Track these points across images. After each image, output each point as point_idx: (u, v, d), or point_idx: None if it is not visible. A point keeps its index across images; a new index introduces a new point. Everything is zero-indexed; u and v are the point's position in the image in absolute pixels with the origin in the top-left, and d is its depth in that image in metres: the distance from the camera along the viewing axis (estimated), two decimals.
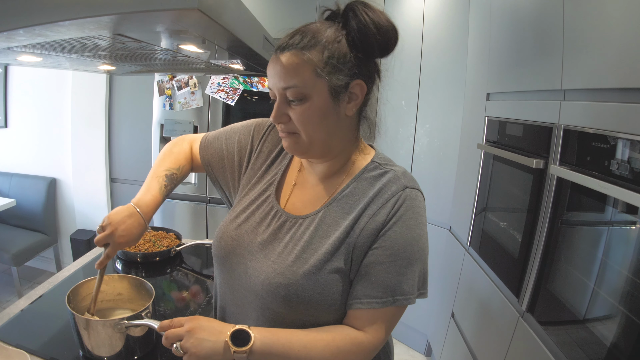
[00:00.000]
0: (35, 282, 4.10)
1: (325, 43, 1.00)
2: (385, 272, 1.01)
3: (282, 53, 1.01)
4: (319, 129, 1.05)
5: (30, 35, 0.85)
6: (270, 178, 1.23)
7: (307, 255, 1.05)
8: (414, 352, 3.45)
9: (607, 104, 1.31)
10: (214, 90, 3.32)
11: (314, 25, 1.02)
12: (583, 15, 1.47)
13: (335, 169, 1.15)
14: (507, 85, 2.13)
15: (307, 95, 1.01)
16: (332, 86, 1.01)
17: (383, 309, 1.02)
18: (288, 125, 1.06)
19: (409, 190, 1.05)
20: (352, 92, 1.04)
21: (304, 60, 0.99)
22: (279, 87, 1.02)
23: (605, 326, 1.28)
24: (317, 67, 0.99)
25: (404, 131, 3.29)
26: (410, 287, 1.03)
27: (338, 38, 1.01)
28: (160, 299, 1.71)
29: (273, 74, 1.03)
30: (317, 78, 1.00)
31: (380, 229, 1.02)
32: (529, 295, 1.67)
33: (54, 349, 1.34)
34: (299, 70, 0.99)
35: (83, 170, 4.07)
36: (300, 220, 1.11)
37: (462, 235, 2.66)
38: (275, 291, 1.04)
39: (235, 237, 1.16)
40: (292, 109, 1.03)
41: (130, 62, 1.55)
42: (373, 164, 1.13)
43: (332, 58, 1.00)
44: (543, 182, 1.64)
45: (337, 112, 1.05)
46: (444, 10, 3.02)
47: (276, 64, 1.02)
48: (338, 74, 1.01)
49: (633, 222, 1.24)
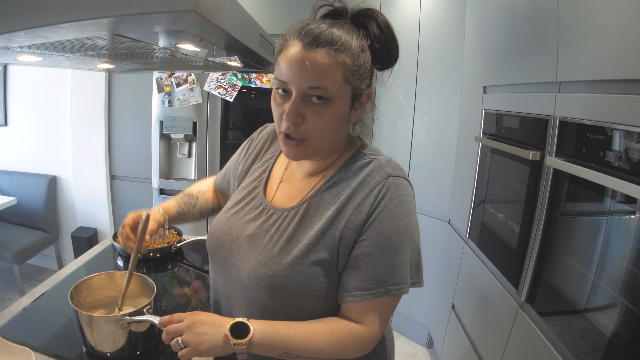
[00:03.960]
0: (37, 280, 4.11)
1: (355, 50, 0.98)
2: (374, 264, 1.01)
3: (314, 49, 0.94)
4: (332, 134, 1.04)
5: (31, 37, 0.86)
6: (259, 175, 1.25)
7: (290, 247, 1.05)
8: (415, 344, 3.47)
9: (602, 96, 1.32)
10: (213, 86, 3.32)
11: (337, 31, 0.97)
12: (578, 8, 1.47)
13: (325, 164, 1.15)
14: (504, 78, 2.14)
15: (332, 99, 0.97)
16: (354, 93, 1.01)
17: (376, 299, 1.01)
18: (298, 128, 1.00)
19: (392, 179, 1.04)
20: (361, 101, 1.05)
21: (338, 62, 0.95)
22: (302, 85, 0.96)
23: (604, 316, 1.29)
24: (346, 72, 0.97)
25: (402, 125, 3.29)
26: (402, 277, 1.02)
27: (363, 47, 1.00)
28: (161, 295, 1.72)
29: (298, 69, 0.95)
30: (345, 83, 0.98)
31: (366, 220, 1.02)
32: (528, 286, 1.69)
33: (57, 345, 1.36)
34: (331, 72, 0.95)
35: (83, 167, 4.07)
36: (285, 213, 1.11)
37: (461, 227, 2.68)
38: (260, 282, 1.04)
39: (225, 231, 1.18)
40: (310, 110, 0.98)
41: (129, 60, 1.56)
42: (358, 154, 1.12)
43: (361, 67, 0.99)
44: (540, 173, 1.65)
45: (348, 119, 1.05)
46: (440, 3, 3.01)
47: (306, 60, 0.94)
48: (361, 82, 1.01)
49: (630, 212, 1.25)
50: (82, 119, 3.97)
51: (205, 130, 3.43)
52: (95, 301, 1.44)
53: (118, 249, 2.06)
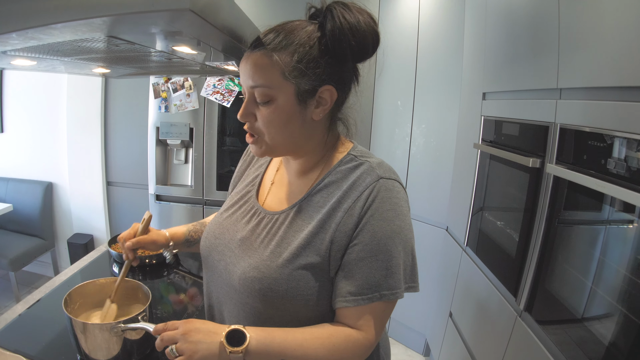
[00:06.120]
0: (33, 286, 4.09)
1: (297, 45, 0.98)
2: (368, 268, 1.00)
3: (252, 52, 1.01)
4: (282, 131, 1.04)
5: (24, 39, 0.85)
6: (251, 180, 1.27)
7: (281, 250, 1.05)
8: (412, 352, 3.45)
9: (603, 103, 1.31)
10: (210, 92, 3.32)
11: (292, 24, 1.02)
12: (579, 14, 1.47)
13: (310, 165, 1.14)
14: (503, 85, 2.13)
15: (273, 97, 1.00)
16: (299, 90, 1.00)
17: (371, 304, 1.01)
18: (252, 126, 1.06)
19: (383, 181, 1.03)
20: (320, 97, 1.03)
21: (273, 61, 0.98)
22: (247, 85, 1.03)
23: (603, 325, 1.28)
24: (284, 70, 0.98)
25: (400, 131, 3.29)
26: (396, 281, 1.01)
27: (311, 41, 0.99)
28: (157, 302, 1.71)
29: (243, 71, 1.03)
30: (285, 81, 0.99)
31: (357, 223, 1.01)
32: (527, 294, 1.68)
33: (51, 353, 1.35)
34: (267, 71, 0.99)
35: (79, 174, 4.06)
36: (276, 216, 1.11)
37: (459, 234, 2.66)
38: (250, 285, 1.04)
39: (217, 235, 1.19)
40: (258, 110, 1.03)
41: (125, 64, 1.55)
42: (348, 157, 1.11)
43: (302, 62, 0.98)
44: (540, 181, 1.65)
45: (303, 116, 1.04)
46: (439, 9, 3.02)
47: (247, 62, 1.02)
48: (306, 78, 1.00)
49: (630, 221, 1.24)
50: (78, 125, 3.96)
51: (202, 136, 3.42)
52: (90, 308, 1.42)
53: (114, 255, 2.05)
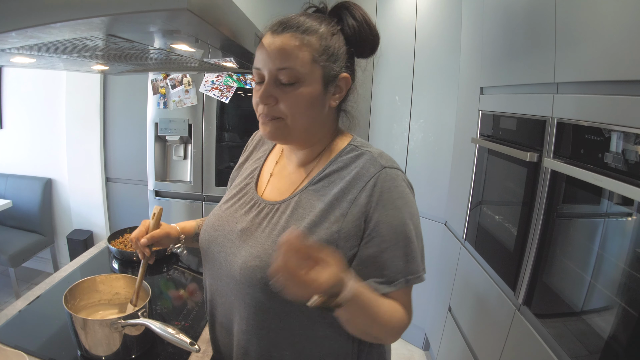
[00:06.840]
0: (33, 282, 4.09)
1: (324, 32, 1.02)
2: (391, 257, 1.02)
3: (280, 34, 1.01)
4: (306, 115, 1.05)
5: (23, 37, 0.85)
6: (250, 172, 1.27)
7: None
8: (411, 346, 3.47)
9: (600, 97, 1.31)
10: (208, 88, 3.31)
11: (303, 18, 1.04)
12: (575, 8, 1.47)
13: (313, 156, 1.16)
14: (501, 79, 2.14)
15: (302, 79, 1.01)
16: (325, 74, 1.03)
17: (398, 291, 1.03)
18: (273, 108, 1.04)
19: (387, 170, 1.05)
20: (338, 85, 1.07)
21: (304, 43, 1.00)
22: (272, 68, 1.01)
23: (601, 318, 1.29)
24: (315, 53, 1.01)
25: (398, 126, 3.29)
26: (417, 265, 1.04)
27: (334, 31, 1.04)
28: (157, 298, 1.71)
29: (267, 54, 1.02)
30: (314, 64, 1.01)
31: (365, 212, 1.02)
32: (525, 288, 1.68)
33: (52, 349, 1.35)
34: (298, 53, 1.00)
35: (78, 170, 4.06)
36: (277, 206, 1.12)
37: (458, 229, 2.67)
38: (251, 274, 1.04)
39: (217, 227, 1.19)
40: (282, 92, 1.02)
41: (123, 61, 1.55)
42: (349, 147, 1.13)
43: (330, 48, 1.02)
44: (537, 175, 1.65)
45: (324, 102, 1.06)
46: (436, 4, 3.02)
47: (273, 43, 1.01)
48: (333, 64, 1.04)
49: (628, 214, 1.25)
50: (77, 121, 3.96)
51: (201, 132, 3.42)
52: (90, 304, 1.43)
53: (113, 251, 2.05)
